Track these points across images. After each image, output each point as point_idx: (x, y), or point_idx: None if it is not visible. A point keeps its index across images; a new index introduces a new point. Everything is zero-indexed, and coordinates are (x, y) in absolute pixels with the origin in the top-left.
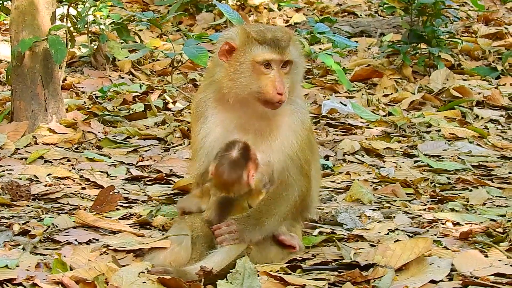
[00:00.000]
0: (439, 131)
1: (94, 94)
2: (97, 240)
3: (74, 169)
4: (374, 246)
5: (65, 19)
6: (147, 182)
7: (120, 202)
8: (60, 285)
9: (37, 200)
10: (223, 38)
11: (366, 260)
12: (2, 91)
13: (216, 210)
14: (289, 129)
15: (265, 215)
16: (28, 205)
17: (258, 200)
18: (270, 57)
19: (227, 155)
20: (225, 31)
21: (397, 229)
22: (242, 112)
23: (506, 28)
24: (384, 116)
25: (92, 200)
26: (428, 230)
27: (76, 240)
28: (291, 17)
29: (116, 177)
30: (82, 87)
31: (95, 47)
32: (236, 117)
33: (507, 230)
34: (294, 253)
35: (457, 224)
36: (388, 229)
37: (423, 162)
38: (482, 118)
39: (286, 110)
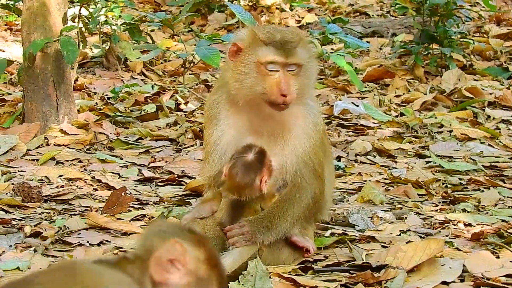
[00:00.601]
0: (451, 131)
1: (106, 95)
2: (109, 241)
3: (86, 170)
4: (386, 247)
5: (76, 20)
6: (159, 183)
7: (132, 204)
8: None
9: (48, 201)
10: (233, 39)
11: (378, 262)
12: (14, 92)
13: (228, 211)
14: (302, 131)
15: (277, 217)
16: (39, 207)
17: (271, 203)
18: (273, 58)
19: (242, 157)
20: (236, 32)
21: (408, 230)
22: (253, 114)
23: None
24: (396, 116)
25: (103, 202)
26: (439, 231)
27: (87, 242)
28: (303, 18)
29: (128, 178)
30: (94, 88)
31: (107, 47)
32: (248, 120)
33: None
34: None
35: (469, 225)
36: (400, 230)
37: (435, 163)
38: (493, 118)
39: (298, 113)
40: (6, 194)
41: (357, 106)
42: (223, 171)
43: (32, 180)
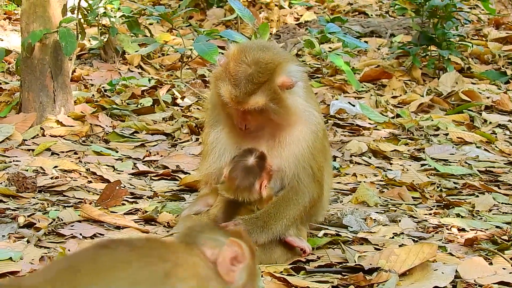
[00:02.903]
0: (447, 134)
1: (103, 87)
2: (102, 234)
3: (81, 162)
4: (379, 249)
5: (76, 11)
6: (153, 178)
7: (126, 197)
8: None
9: (43, 192)
10: (219, 57)
11: (370, 264)
12: (11, 81)
13: (223, 208)
14: (301, 137)
15: (273, 218)
16: (33, 197)
17: (268, 204)
18: (227, 100)
19: (242, 161)
20: (231, 44)
21: (402, 233)
22: None
23: None
24: (392, 118)
25: (98, 194)
26: (433, 235)
27: (80, 234)
28: (301, 15)
29: (122, 171)
30: (91, 80)
31: (105, 40)
32: None
33: None
34: (300, 254)
35: (463, 230)
36: (393, 233)
37: (430, 166)
38: (490, 122)
39: (297, 119)
40: (1, 183)
41: (354, 106)
42: (221, 171)
43: (27, 170)
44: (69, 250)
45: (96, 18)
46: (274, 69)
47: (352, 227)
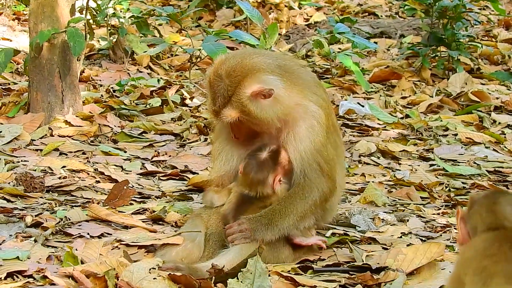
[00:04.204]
0: (456, 135)
1: (112, 88)
2: (110, 234)
3: (89, 162)
4: (386, 249)
5: (84, 12)
6: (161, 178)
7: (134, 197)
8: (70, 278)
9: (50, 192)
10: None
11: (378, 263)
12: (20, 81)
13: (234, 205)
14: (301, 134)
15: (278, 215)
16: (41, 197)
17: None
18: (208, 114)
19: (257, 155)
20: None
21: (410, 232)
22: None
23: None
24: (401, 118)
25: (105, 194)
26: (441, 235)
27: (88, 234)
28: (311, 16)
29: (130, 171)
30: (100, 80)
31: (114, 40)
32: None
33: None
34: (309, 254)
35: None
36: (401, 233)
37: (439, 166)
38: (499, 123)
39: (298, 115)
40: (9, 183)
41: (363, 106)
42: (231, 173)
43: (35, 170)
44: (76, 250)
45: (105, 19)
46: (241, 81)
47: (360, 227)
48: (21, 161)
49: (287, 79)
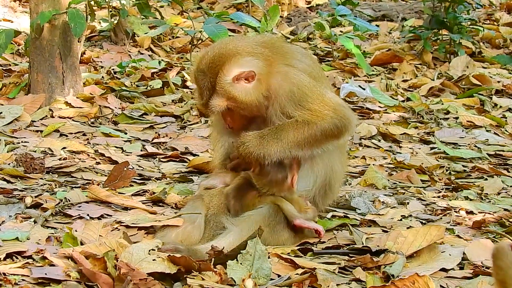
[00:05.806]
0: (457, 118)
1: (113, 69)
2: (110, 215)
3: (89, 143)
4: (386, 231)
5: None
6: (161, 159)
7: (134, 178)
8: (69, 259)
9: (50, 173)
10: None
11: (378, 246)
12: (21, 62)
13: (236, 186)
14: (285, 99)
15: (285, 131)
16: (41, 178)
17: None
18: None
19: None
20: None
21: (410, 215)
22: None
23: None
24: (403, 101)
25: (106, 175)
26: (441, 218)
27: (88, 215)
28: None
29: (131, 153)
30: (101, 62)
31: (115, 22)
32: None
33: None
34: (309, 236)
35: (471, 212)
36: (401, 215)
37: (439, 149)
38: (500, 107)
39: (278, 84)
40: (9, 164)
41: (364, 89)
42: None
43: (35, 151)
44: (76, 231)
45: (106, 0)
46: (221, 69)
47: (360, 209)
48: (21, 142)
49: (269, 52)
